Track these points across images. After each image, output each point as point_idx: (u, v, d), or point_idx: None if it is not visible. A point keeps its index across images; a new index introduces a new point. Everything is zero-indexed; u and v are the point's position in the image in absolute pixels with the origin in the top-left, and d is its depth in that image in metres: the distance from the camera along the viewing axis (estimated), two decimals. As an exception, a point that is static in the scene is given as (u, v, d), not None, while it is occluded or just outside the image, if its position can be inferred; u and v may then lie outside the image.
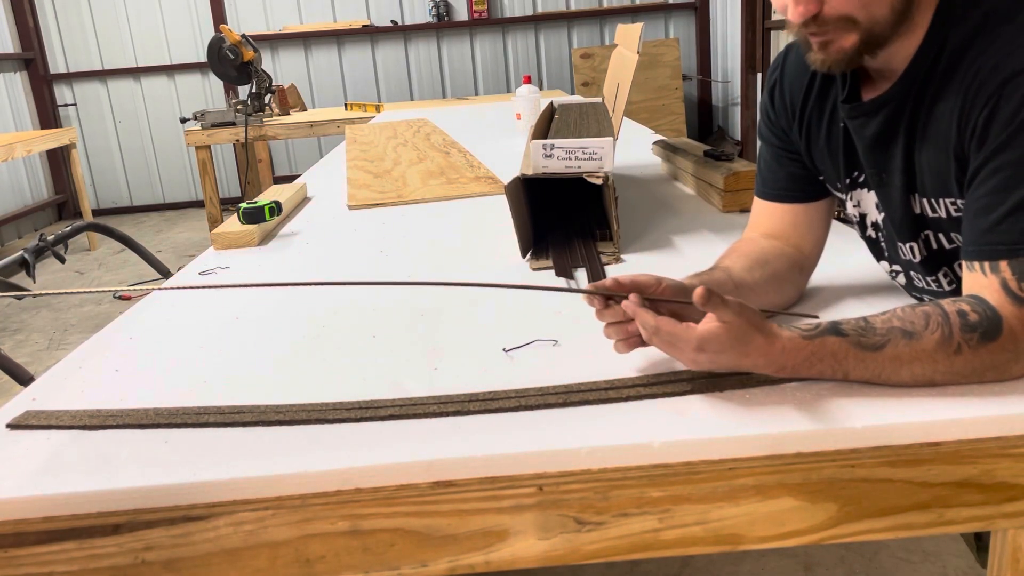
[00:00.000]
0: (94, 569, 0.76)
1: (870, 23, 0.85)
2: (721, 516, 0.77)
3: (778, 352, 0.80)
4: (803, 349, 0.80)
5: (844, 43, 0.86)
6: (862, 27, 0.85)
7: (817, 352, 0.80)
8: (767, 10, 5.35)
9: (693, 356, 0.81)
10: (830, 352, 0.80)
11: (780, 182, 1.10)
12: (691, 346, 0.80)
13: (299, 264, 1.51)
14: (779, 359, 0.80)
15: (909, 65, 0.89)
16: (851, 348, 0.80)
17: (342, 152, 2.86)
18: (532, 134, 1.66)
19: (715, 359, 0.81)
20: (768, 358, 0.80)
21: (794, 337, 0.81)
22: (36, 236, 2.56)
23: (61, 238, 2.66)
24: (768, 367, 0.81)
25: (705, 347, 0.80)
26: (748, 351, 0.80)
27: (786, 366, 0.81)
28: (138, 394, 0.96)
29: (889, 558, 1.69)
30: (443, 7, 6.34)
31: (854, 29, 0.85)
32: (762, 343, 0.80)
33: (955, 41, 0.86)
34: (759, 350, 0.80)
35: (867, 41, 0.86)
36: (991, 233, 0.81)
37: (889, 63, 0.91)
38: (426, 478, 0.75)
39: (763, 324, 0.81)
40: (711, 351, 0.80)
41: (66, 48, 6.44)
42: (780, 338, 0.80)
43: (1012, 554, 0.81)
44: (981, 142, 0.82)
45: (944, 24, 0.87)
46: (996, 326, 0.78)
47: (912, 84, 0.90)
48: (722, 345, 0.80)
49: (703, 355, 0.81)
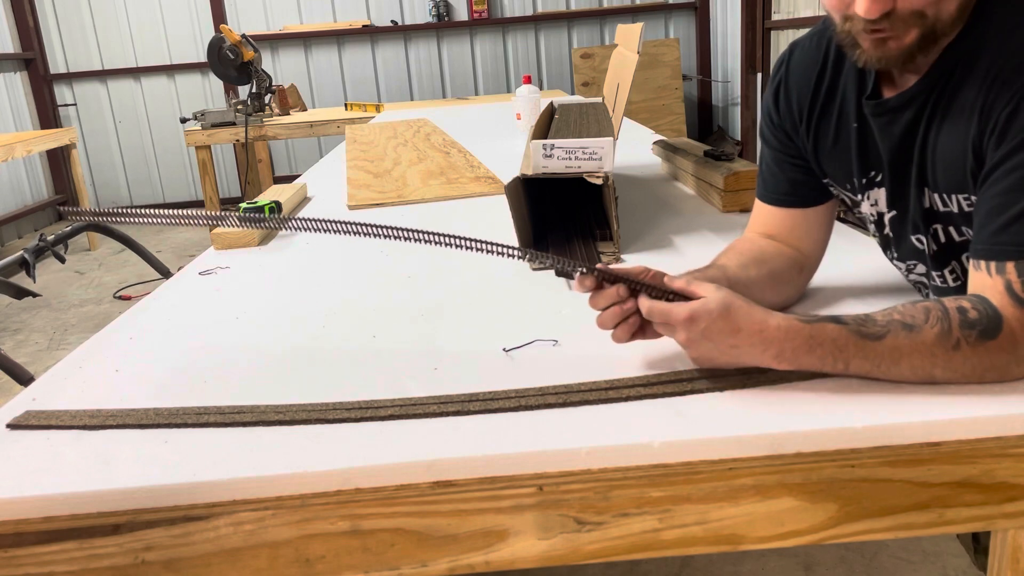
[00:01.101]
0: (94, 569, 0.76)
1: (936, 19, 0.84)
2: (721, 516, 0.77)
3: (773, 332, 0.80)
4: (801, 332, 0.80)
5: (906, 39, 0.85)
6: (927, 23, 0.84)
7: (816, 336, 0.80)
8: (767, 10, 5.35)
9: (685, 332, 0.83)
10: (829, 338, 0.80)
11: (781, 187, 1.10)
12: (682, 318, 0.82)
13: (299, 264, 1.51)
14: (776, 342, 0.80)
15: (938, 60, 0.89)
16: (851, 336, 0.80)
17: (342, 152, 2.86)
18: (532, 134, 1.66)
19: (707, 330, 0.81)
20: (763, 337, 0.80)
21: (791, 319, 0.81)
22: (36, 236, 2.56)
23: (61, 238, 2.66)
24: (765, 351, 0.81)
25: (696, 317, 0.81)
26: (740, 323, 0.80)
27: (784, 350, 0.80)
28: (138, 394, 0.96)
29: (889, 558, 1.69)
30: (443, 7, 6.34)
31: (919, 25, 0.84)
32: (757, 317, 0.81)
33: (979, 36, 0.86)
34: (753, 323, 0.80)
35: (927, 36, 0.85)
36: (1001, 234, 0.81)
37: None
38: (426, 478, 0.75)
39: (756, 305, 0.82)
40: (702, 321, 0.81)
41: (66, 48, 6.44)
42: (775, 316, 0.81)
43: (1012, 554, 0.81)
44: (1000, 139, 0.82)
45: (979, 19, 0.86)
46: (996, 325, 0.78)
47: (939, 80, 0.89)
48: (712, 315, 0.81)
49: (695, 328, 0.82)
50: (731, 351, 0.83)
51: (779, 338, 0.80)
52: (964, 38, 0.87)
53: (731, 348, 0.82)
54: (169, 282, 1.45)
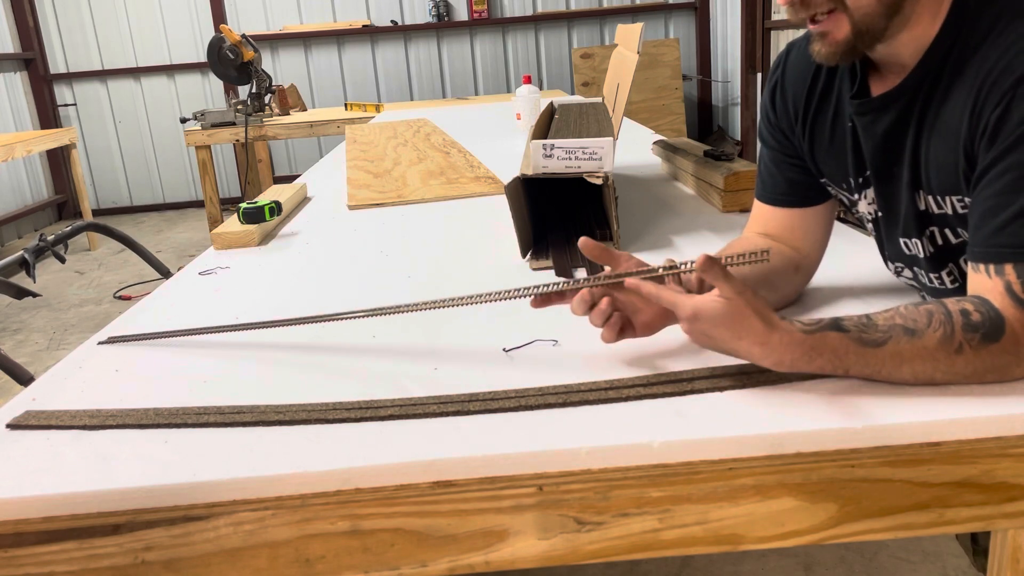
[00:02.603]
0: (94, 569, 0.76)
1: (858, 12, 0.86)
2: (721, 516, 0.77)
3: (776, 343, 0.79)
4: (802, 344, 0.79)
5: (838, 34, 0.88)
6: (852, 16, 0.86)
7: (816, 347, 0.79)
8: (767, 10, 5.35)
9: (688, 326, 0.84)
10: (830, 348, 0.79)
11: (779, 187, 1.10)
12: (686, 313, 0.83)
13: (299, 264, 1.51)
14: (777, 351, 0.80)
15: (922, 59, 0.89)
16: (852, 344, 0.79)
17: (342, 152, 2.86)
18: (532, 134, 1.66)
19: (709, 332, 0.82)
20: (765, 348, 0.80)
21: (793, 331, 0.80)
22: (36, 236, 2.56)
23: (61, 238, 2.66)
24: (765, 358, 0.80)
25: (700, 317, 0.82)
26: (742, 333, 0.80)
27: (784, 360, 0.80)
28: (138, 394, 0.96)
29: (889, 558, 1.69)
30: (443, 7, 6.34)
31: (844, 16, 0.86)
32: (759, 329, 0.80)
33: (968, 36, 0.86)
34: (755, 335, 0.80)
35: (860, 32, 0.87)
36: (997, 235, 0.81)
37: (897, 57, 0.91)
38: (426, 478, 0.75)
39: (764, 311, 0.80)
40: (704, 323, 0.82)
41: (66, 48, 6.44)
42: (779, 329, 0.80)
43: (1012, 554, 0.80)
44: (992, 141, 0.82)
45: (959, 19, 0.87)
46: (998, 328, 0.78)
47: (924, 79, 0.90)
48: (715, 320, 0.81)
49: (697, 325, 0.82)
50: (730, 351, 0.83)
51: (779, 349, 0.80)
52: (945, 37, 0.87)
53: (731, 350, 0.82)
54: (169, 282, 1.45)
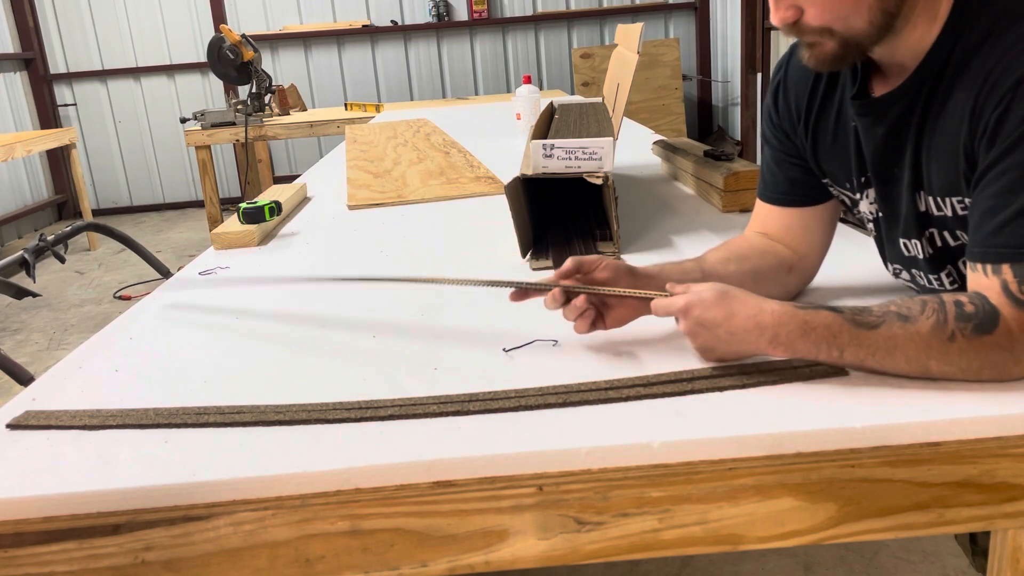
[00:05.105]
0: (94, 569, 0.76)
1: (848, 33, 0.87)
2: (721, 516, 0.77)
3: (768, 316, 0.83)
4: (796, 316, 0.83)
5: (824, 48, 0.90)
6: (839, 36, 0.88)
7: (810, 321, 0.82)
8: (767, 10, 5.34)
9: (684, 321, 0.88)
10: (824, 324, 0.82)
11: (780, 186, 1.11)
12: (679, 308, 0.88)
13: (299, 264, 1.51)
14: (771, 326, 0.83)
15: (923, 61, 0.89)
16: (845, 323, 0.81)
17: (342, 152, 2.86)
18: (532, 134, 1.66)
19: (703, 317, 0.86)
20: (758, 321, 0.83)
21: (786, 305, 0.84)
22: (36, 236, 2.56)
23: (61, 238, 2.66)
24: (761, 335, 0.83)
25: (692, 304, 0.87)
26: (736, 309, 0.85)
27: (779, 335, 0.83)
28: (138, 394, 0.96)
29: (889, 558, 1.69)
30: (443, 7, 6.34)
31: (832, 37, 0.88)
32: (751, 303, 0.85)
33: (969, 38, 0.86)
34: (748, 309, 0.84)
35: (847, 46, 0.89)
36: (995, 236, 0.81)
37: (897, 59, 0.91)
38: (426, 478, 0.75)
39: (752, 294, 0.86)
40: (697, 308, 0.86)
41: (66, 48, 6.44)
42: (770, 303, 0.85)
43: (1012, 554, 0.81)
44: (991, 142, 0.82)
45: (960, 21, 0.87)
46: (992, 320, 0.79)
47: (925, 80, 0.90)
48: (706, 303, 0.86)
49: (692, 313, 0.87)
50: (729, 338, 0.85)
51: (774, 323, 0.83)
52: (946, 39, 0.87)
53: (728, 336, 0.85)
54: (169, 282, 1.45)
